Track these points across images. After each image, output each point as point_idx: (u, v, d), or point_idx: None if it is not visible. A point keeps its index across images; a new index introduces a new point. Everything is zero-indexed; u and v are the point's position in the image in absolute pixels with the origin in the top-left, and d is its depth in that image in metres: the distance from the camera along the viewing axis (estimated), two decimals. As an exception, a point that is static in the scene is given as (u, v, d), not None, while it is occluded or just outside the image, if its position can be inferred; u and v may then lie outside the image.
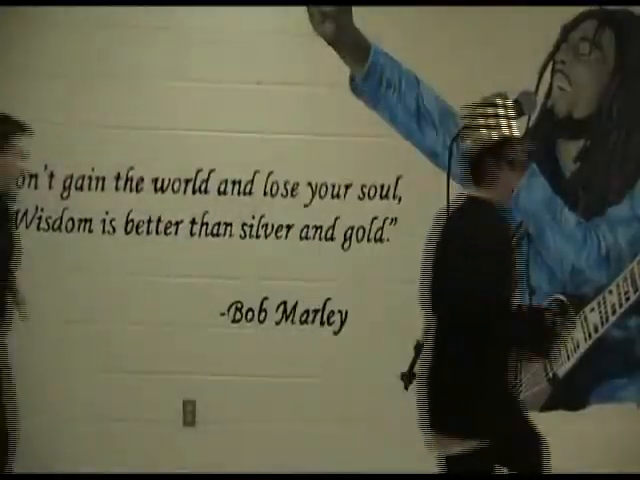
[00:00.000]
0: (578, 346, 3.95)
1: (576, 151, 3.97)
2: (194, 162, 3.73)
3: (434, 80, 3.77)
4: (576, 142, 3.97)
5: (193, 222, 3.74)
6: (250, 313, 3.75)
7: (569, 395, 3.95)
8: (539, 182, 3.90)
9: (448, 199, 3.71)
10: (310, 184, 3.74)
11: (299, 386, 3.77)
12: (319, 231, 3.74)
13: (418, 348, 3.68)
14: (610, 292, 3.97)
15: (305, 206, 3.74)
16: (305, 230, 3.74)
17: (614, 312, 3.98)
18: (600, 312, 3.96)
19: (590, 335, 3.96)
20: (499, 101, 2.83)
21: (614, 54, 4.00)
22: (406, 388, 3.61)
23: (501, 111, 2.85)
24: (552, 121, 3.93)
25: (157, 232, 3.73)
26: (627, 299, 3.99)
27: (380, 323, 3.73)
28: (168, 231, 3.74)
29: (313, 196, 3.74)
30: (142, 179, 3.71)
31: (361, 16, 3.71)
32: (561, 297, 3.93)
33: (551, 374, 3.94)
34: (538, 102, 3.88)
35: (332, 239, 3.74)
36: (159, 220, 3.73)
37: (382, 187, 3.77)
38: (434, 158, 3.76)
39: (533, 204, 3.88)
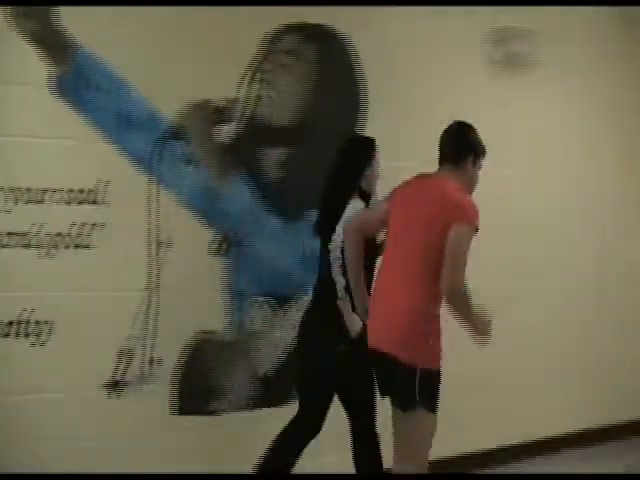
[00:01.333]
0: (282, 345, 4.12)
1: (279, 158, 4.14)
2: None
3: (143, 84, 3.71)
4: (279, 149, 4.14)
5: None
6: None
7: (278, 392, 4.10)
8: (243, 188, 4.01)
9: (158, 204, 3.75)
10: (8, 189, 3.47)
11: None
12: (20, 238, 3.52)
13: (124, 355, 3.68)
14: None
15: (5, 212, 3.50)
16: (4, 238, 3.49)
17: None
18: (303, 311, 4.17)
19: (287, 333, 4.15)
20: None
21: (316, 68, 4.23)
22: (110, 396, 3.61)
23: None
24: (257, 128, 4.06)
25: None
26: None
27: (88, 333, 3.60)
28: None
29: (11, 201, 3.49)
30: None
31: (69, 16, 3.54)
32: (265, 299, 4.07)
33: (255, 373, 4.06)
34: (244, 109, 4.00)
35: (34, 246, 3.53)
36: None
37: (88, 192, 3.62)
38: (142, 163, 3.73)
39: (238, 210, 3.99)
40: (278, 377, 4.11)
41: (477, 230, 3.15)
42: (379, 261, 3.45)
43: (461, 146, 3.37)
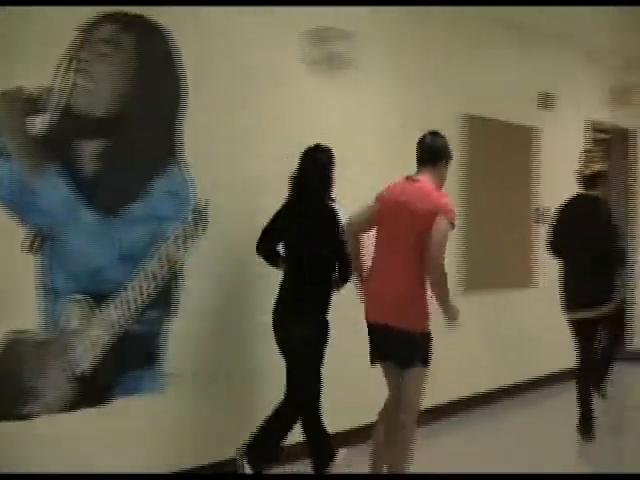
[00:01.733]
0: (100, 343, 4.02)
1: (96, 150, 4.02)
2: None
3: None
4: (96, 141, 4.02)
5: None
6: None
7: (93, 392, 4.00)
8: (58, 182, 3.86)
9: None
10: None
11: None
12: None
13: None
14: (130, 288, 4.11)
15: None
16: None
17: (134, 307, 4.14)
18: (121, 308, 4.09)
19: (112, 332, 4.06)
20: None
21: (135, 57, 4.14)
22: None
23: None
24: (73, 119, 3.92)
25: None
26: (146, 294, 4.18)
27: None
28: None
29: None
30: None
31: None
32: (82, 297, 3.95)
33: (72, 373, 3.92)
34: (59, 99, 3.85)
35: None
36: None
37: None
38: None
39: (52, 205, 3.84)
40: (96, 376, 3.99)
41: (454, 226, 3.86)
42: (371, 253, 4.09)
43: (436, 152, 4.06)
